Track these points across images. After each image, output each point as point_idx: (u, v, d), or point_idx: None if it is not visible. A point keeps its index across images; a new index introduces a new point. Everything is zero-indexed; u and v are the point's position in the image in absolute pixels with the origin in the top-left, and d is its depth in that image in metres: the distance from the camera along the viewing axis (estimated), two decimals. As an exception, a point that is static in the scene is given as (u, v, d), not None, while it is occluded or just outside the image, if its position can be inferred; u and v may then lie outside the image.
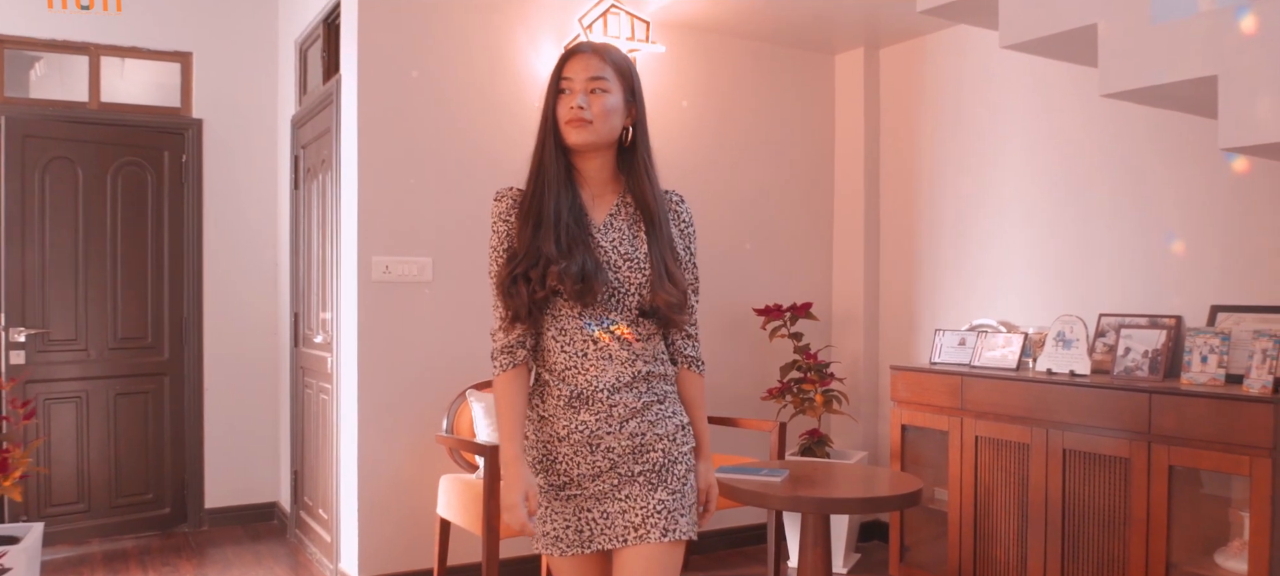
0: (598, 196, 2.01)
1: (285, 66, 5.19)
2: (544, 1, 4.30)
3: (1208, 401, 3.14)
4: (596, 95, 1.92)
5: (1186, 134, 3.57)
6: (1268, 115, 2.30)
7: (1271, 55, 2.28)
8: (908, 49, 4.85)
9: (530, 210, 1.93)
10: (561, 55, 2.00)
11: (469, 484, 3.72)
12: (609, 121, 1.94)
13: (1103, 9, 2.60)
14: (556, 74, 1.96)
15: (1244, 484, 3.11)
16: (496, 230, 2.00)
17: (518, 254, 1.91)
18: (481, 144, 4.17)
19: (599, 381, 1.91)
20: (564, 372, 1.93)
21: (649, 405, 1.94)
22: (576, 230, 1.92)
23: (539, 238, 1.89)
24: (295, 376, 4.97)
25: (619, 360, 1.92)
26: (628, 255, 1.95)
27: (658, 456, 1.94)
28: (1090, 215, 4.02)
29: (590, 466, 1.93)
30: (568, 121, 1.92)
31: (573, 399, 1.92)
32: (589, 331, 1.91)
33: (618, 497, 1.93)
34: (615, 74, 1.96)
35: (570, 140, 1.94)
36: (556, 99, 1.95)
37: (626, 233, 1.98)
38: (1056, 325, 3.86)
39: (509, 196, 2.01)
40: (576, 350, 1.92)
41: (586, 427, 1.91)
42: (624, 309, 1.94)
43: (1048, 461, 3.60)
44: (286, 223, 5.13)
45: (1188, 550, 3.29)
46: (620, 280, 1.93)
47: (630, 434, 1.92)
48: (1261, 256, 3.45)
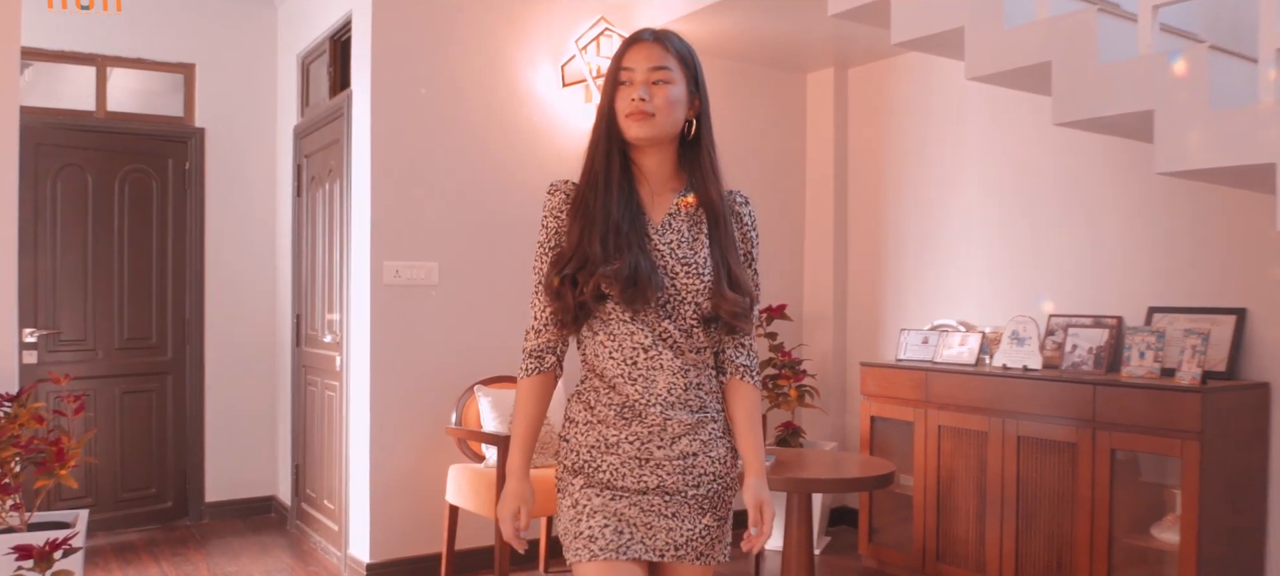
0: (657, 194, 1.87)
1: (286, 79, 5.43)
2: (541, 23, 4.61)
3: (1145, 392, 3.54)
4: (659, 86, 1.80)
5: (1126, 156, 3.98)
6: (1196, 145, 2.70)
7: (1199, 94, 2.67)
8: (875, 69, 5.24)
9: (581, 208, 1.81)
10: (621, 44, 1.87)
11: (477, 472, 4.02)
12: (672, 114, 1.81)
13: (1057, 49, 2.99)
14: (616, 64, 1.84)
15: (1176, 465, 3.52)
16: (546, 225, 1.88)
17: (565, 254, 1.80)
18: (484, 155, 4.47)
19: (650, 393, 1.80)
20: (614, 380, 1.81)
21: (701, 424, 1.84)
22: (629, 231, 1.79)
23: (588, 237, 1.78)
24: (297, 375, 5.22)
25: (670, 370, 1.80)
26: (686, 259, 1.82)
27: (712, 478, 1.86)
28: (1041, 225, 4.42)
29: (637, 482, 1.82)
30: (628, 114, 1.79)
31: (624, 409, 1.81)
32: (639, 337, 1.80)
33: (664, 513, 1.83)
34: (678, 63, 1.83)
35: (630, 134, 1.81)
36: (615, 90, 1.83)
37: (686, 234, 1.85)
38: (1011, 325, 4.26)
39: (562, 190, 1.88)
40: (626, 358, 1.80)
41: (637, 441, 1.81)
42: (679, 316, 1.81)
43: (1004, 448, 3.99)
44: (287, 228, 5.37)
45: (1128, 525, 3.69)
46: (677, 286, 1.80)
47: (682, 453, 1.82)
48: (1191, 263, 3.87)
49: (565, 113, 4.67)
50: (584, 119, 4.70)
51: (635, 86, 1.80)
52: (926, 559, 4.30)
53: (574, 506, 1.83)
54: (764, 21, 4.58)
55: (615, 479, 1.81)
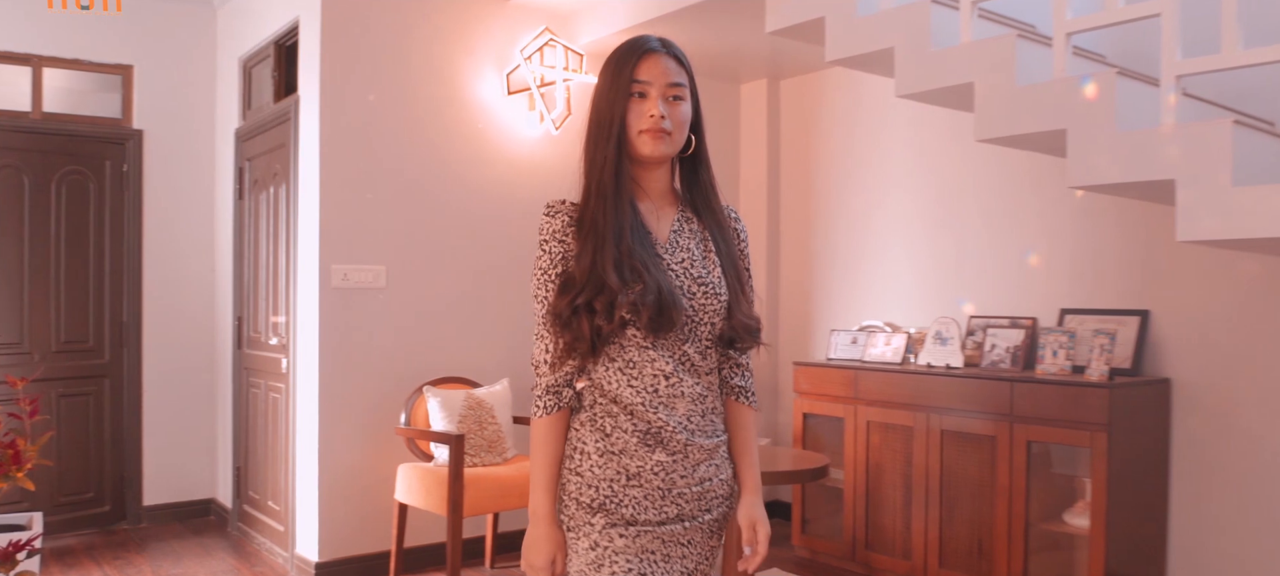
0: (658, 211, 1.80)
1: (227, 82, 5.44)
2: (487, 33, 4.73)
3: (1058, 388, 3.82)
4: (676, 103, 1.73)
5: (1041, 169, 4.26)
6: (1104, 161, 2.95)
7: (1107, 116, 2.92)
8: (806, 81, 5.47)
9: (590, 229, 1.69)
10: (626, 52, 1.76)
11: (427, 470, 4.12)
12: (684, 133, 1.76)
13: (980, 71, 3.22)
14: (627, 75, 1.72)
15: (1086, 455, 3.80)
16: (549, 250, 1.74)
17: (577, 281, 1.68)
18: (431, 161, 4.57)
19: (671, 419, 1.71)
20: (633, 407, 1.71)
21: (717, 448, 1.80)
22: (643, 252, 1.70)
23: (601, 261, 1.66)
24: (239, 377, 5.24)
25: (690, 396, 1.73)
26: (700, 278, 1.75)
27: (720, 506, 1.82)
28: (962, 232, 4.70)
29: (659, 514, 1.74)
30: (645, 131, 1.71)
31: (646, 436, 1.71)
32: (660, 364, 1.71)
33: (681, 541, 1.77)
34: (689, 80, 1.77)
35: (645, 151, 1.72)
36: (627, 103, 1.72)
37: (696, 252, 1.78)
38: (934, 325, 4.52)
39: (564, 212, 1.75)
40: (646, 385, 1.70)
41: (662, 470, 1.72)
42: (695, 338, 1.74)
43: (928, 442, 4.24)
44: (228, 231, 5.39)
45: (1042, 511, 3.96)
46: (694, 306, 1.73)
47: (701, 479, 1.76)
48: (1100, 269, 4.17)
49: (510, 120, 4.79)
50: (528, 126, 4.83)
51: (651, 101, 1.71)
52: (856, 548, 4.53)
53: (594, 548, 1.72)
54: (702, 35, 4.76)
55: (639, 513, 1.72)
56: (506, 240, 4.79)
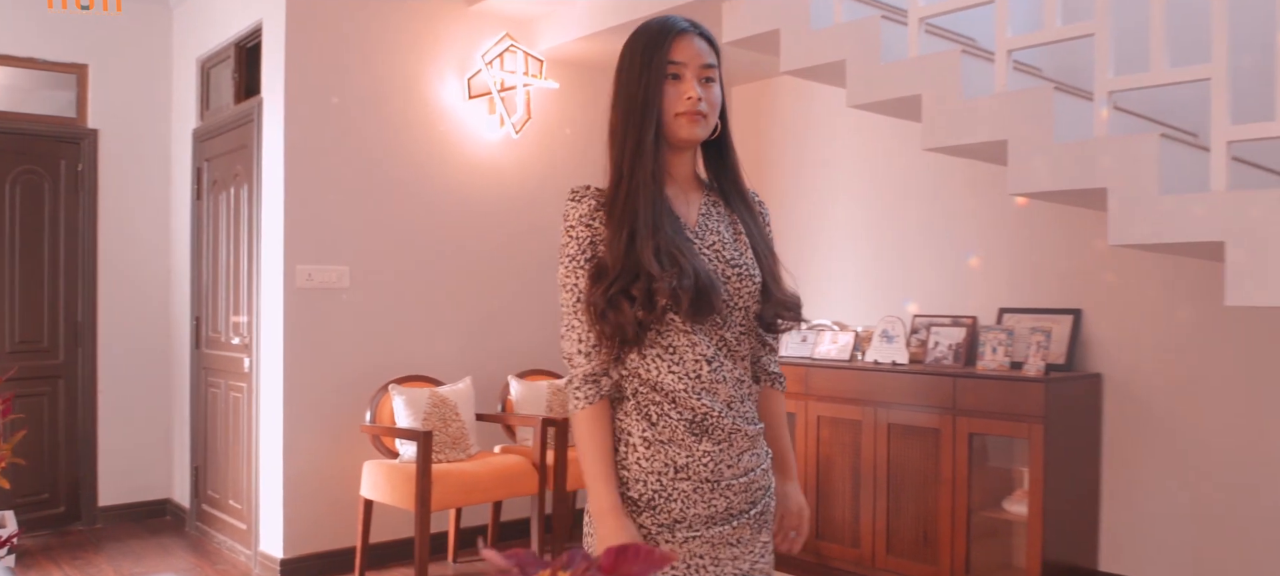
0: (685, 194, 1.76)
1: (184, 82, 5.45)
2: (448, 38, 4.82)
3: (997, 382, 4.04)
4: (709, 85, 1.70)
5: (981, 176, 4.48)
6: (1042, 170, 3.16)
7: (1044, 126, 3.13)
8: (758, 88, 5.65)
9: (623, 215, 1.64)
10: (657, 33, 1.70)
11: (393, 467, 4.21)
12: (716, 114, 1.73)
13: (926, 84, 3.41)
14: (662, 57, 1.67)
15: (1024, 446, 4.03)
16: (576, 236, 1.68)
17: (611, 268, 1.62)
18: (393, 163, 4.65)
19: (715, 404, 1.66)
20: (675, 395, 1.65)
21: (758, 435, 1.74)
22: (677, 237, 1.65)
23: (636, 248, 1.61)
24: (197, 377, 5.26)
25: (731, 381, 1.69)
26: (733, 261, 1.71)
27: (763, 489, 1.75)
28: (906, 235, 4.91)
29: (707, 507, 1.67)
30: (683, 113, 1.67)
31: (693, 423, 1.66)
32: (702, 348, 1.66)
33: (730, 541, 1.70)
34: (718, 61, 1.73)
35: (683, 134, 1.68)
36: (662, 85, 1.67)
37: (726, 236, 1.74)
38: (881, 324, 4.72)
39: (592, 196, 1.70)
40: (688, 370, 1.65)
41: (710, 460, 1.66)
42: (732, 322, 1.70)
43: (876, 435, 4.44)
44: (185, 231, 5.40)
45: (983, 500, 4.19)
46: (730, 290, 1.69)
47: (745, 469, 1.70)
48: (1036, 270, 4.41)
49: (471, 123, 4.90)
50: (489, 130, 4.93)
51: (687, 82, 1.67)
52: (807, 537, 4.71)
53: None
54: (658, 42, 4.90)
55: (687, 508, 1.65)
56: (467, 241, 4.89)
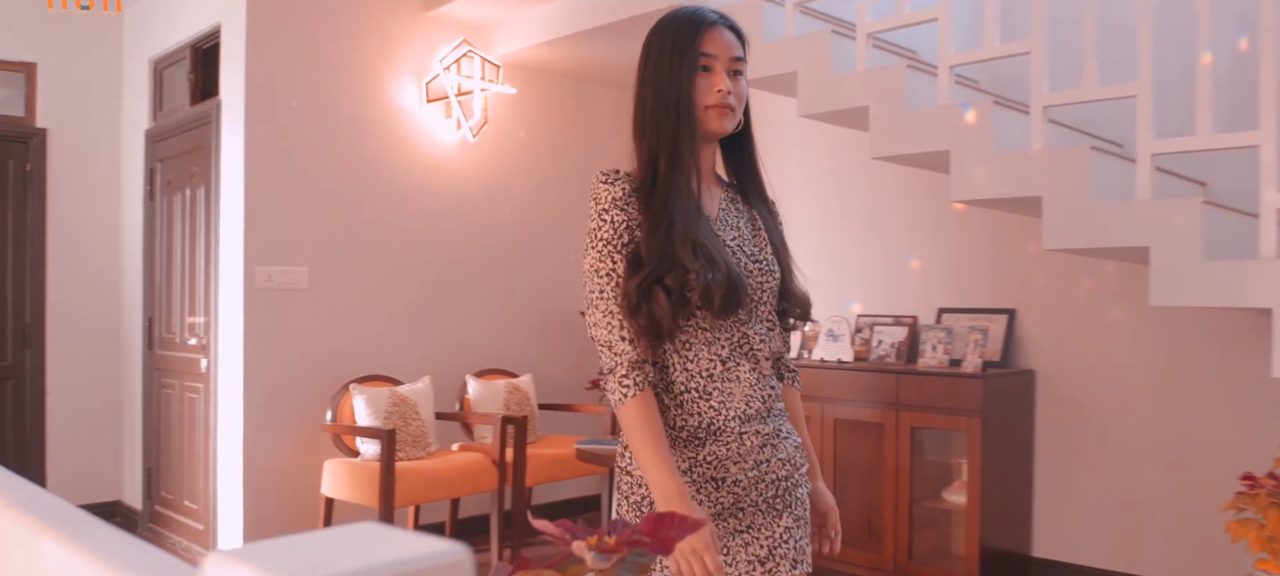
0: (707, 188, 1.72)
1: (136, 82, 5.43)
2: (407, 42, 4.90)
3: (937, 379, 4.25)
4: (738, 78, 1.68)
5: (921, 183, 4.70)
6: (982, 179, 3.37)
7: (984, 139, 3.33)
8: (705, 94, 5.81)
9: (662, 208, 1.59)
10: (686, 25, 1.66)
11: (354, 465, 4.27)
12: (742, 109, 1.72)
13: (874, 96, 3.60)
14: (694, 48, 1.64)
15: (963, 439, 4.25)
16: (611, 219, 1.62)
17: (646, 260, 1.57)
18: (352, 165, 4.71)
19: (727, 408, 1.62)
20: (683, 397, 1.62)
21: (774, 431, 1.68)
22: (709, 234, 1.63)
23: (673, 241, 1.57)
24: (150, 378, 5.25)
25: (747, 382, 1.64)
26: (754, 256, 1.70)
27: (782, 479, 1.68)
28: (851, 239, 5.12)
29: (713, 504, 1.63)
30: (713, 105, 1.64)
31: (697, 430, 1.62)
32: (717, 348, 1.62)
33: (738, 529, 1.66)
34: (746, 55, 1.71)
35: (712, 127, 1.66)
36: (694, 76, 1.64)
37: (746, 231, 1.73)
38: (827, 324, 4.92)
39: (625, 180, 1.64)
40: (701, 370, 1.62)
41: (715, 460, 1.63)
42: (756, 318, 1.67)
43: (823, 429, 4.63)
44: (137, 232, 5.38)
45: (924, 490, 4.40)
46: (752, 285, 1.66)
47: (756, 463, 1.65)
48: (973, 272, 4.64)
49: (429, 127, 4.98)
50: (446, 133, 5.02)
51: (717, 75, 1.64)
52: (757, 529, 4.89)
53: None
54: (609, 48, 5.03)
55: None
56: (425, 242, 4.97)
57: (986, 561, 4.10)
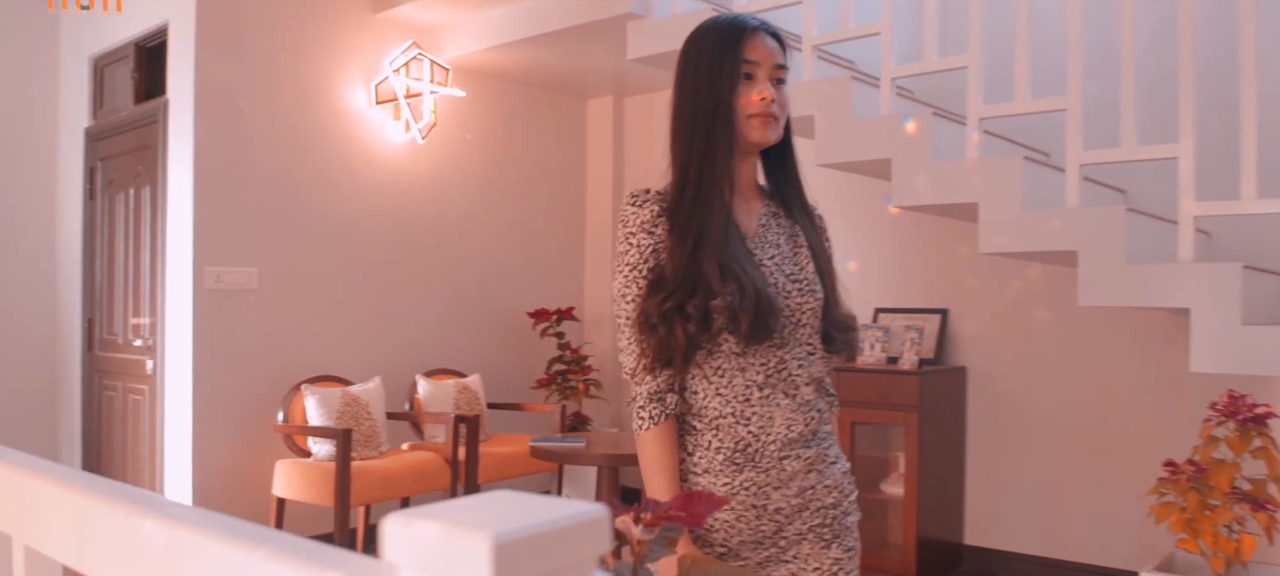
0: (746, 203, 1.63)
1: (74, 80, 5.35)
2: (355, 45, 4.93)
3: (875, 376, 4.44)
4: (780, 87, 1.58)
5: (860, 189, 4.89)
6: (922, 187, 3.55)
7: (923, 149, 3.52)
8: (648, 99, 5.94)
9: (687, 222, 1.51)
10: (728, 31, 1.58)
11: (306, 465, 4.30)
12: (784, 118, 1.62)
13: (820, 106, 3.76)
14: (736, 55, 1.55)
15: (900, 433, 4.45)
16: (638, 243, 1.55)
17: (670, 279, 1.50)
18: (301, 165, 4.73)
19: (767, 433, 1.53)
20: (719, 421, 1.53)
21: (820, 455, 1.58)
22: (741, 253, 1.53)
23: (700, 260, 1.49)
24: (90, 379, 5.18)
25: (786, 407, 1.53)
26: (793, 275, 1.59)
27: (829, 507, 1.59)
28: (791, 240, 5.28)
29: (753, 532, 1.54)
30: (757, 115, 1.55)
31: (734, 454, 1.53)
32: (752, 374, 1.52)
33: (783, 559, 1.56)
34: (787, 62, 1.62)
35: (754, 137, 1.56)
36: (736, 84, 1.54)
37: (785, 248, 1.62)
38: (769, 323, 5.08)
39: (654, 201, 1.56)
40: (737, 394, 1.52)
41: (754, 486, 1.53)
42: (795, 342, 1.56)
43: (766, 426, 4.78)
44: (76, 231, 5.30)
45: (864, 482, 4.58)
46: (790, 306, 1.56)
47: (800, 490, 1.55)
48: (908, 273, 4.85)
49: (378, 128, 5.01)
50: (395, 134, 5.06)
51: (760, 83, 1.55)
52: (701, 523, 5.02)
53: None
54: (557, 54, 5.13)
55: (729, 537, 1.54)
56: (374, 243, 5.00)
57: (923, 549, 4.30)
